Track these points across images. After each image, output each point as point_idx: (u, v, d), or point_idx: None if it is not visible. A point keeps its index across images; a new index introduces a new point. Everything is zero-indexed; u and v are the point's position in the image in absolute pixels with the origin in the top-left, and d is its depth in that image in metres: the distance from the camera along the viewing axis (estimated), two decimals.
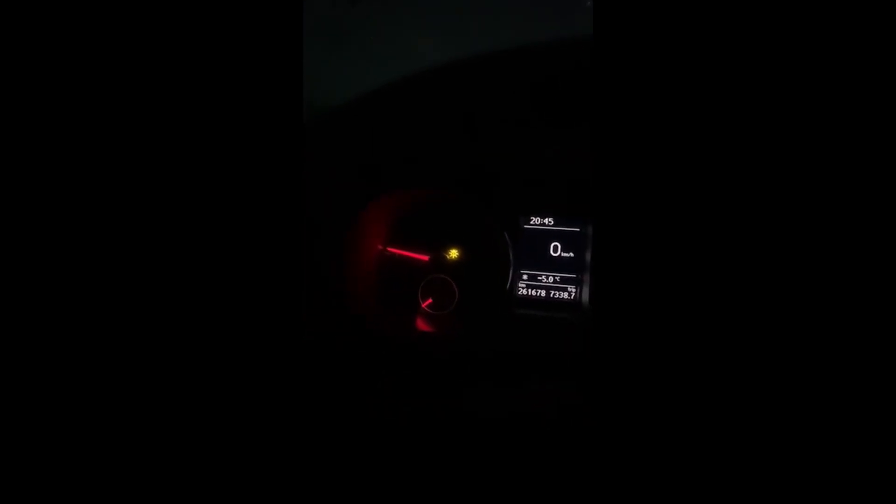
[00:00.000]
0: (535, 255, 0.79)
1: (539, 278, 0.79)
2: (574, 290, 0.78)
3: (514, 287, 0.79)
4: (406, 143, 0.72)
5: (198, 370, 0.39)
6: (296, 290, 0.41)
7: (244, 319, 0.40)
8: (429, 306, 0.80)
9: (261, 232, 0.39)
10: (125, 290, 0.38)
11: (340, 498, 0.43)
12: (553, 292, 0.78)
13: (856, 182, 0.30)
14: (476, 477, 0.45)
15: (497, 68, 0.57)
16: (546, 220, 0.79)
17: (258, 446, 0.40)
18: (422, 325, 0.79)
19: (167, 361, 0.39)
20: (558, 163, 0.75)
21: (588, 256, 0.77)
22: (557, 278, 0.79)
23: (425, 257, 0.81)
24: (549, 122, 0.67)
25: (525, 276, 0.79)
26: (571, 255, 0.78)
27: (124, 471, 0.38)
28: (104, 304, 0.38)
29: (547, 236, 0.79)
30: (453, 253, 0.81)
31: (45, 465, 0.37)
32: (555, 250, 0.79)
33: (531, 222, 0.80)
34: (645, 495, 0.33)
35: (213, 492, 0.39)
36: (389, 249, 0.82)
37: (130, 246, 0.38)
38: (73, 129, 0.37)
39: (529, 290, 0.79)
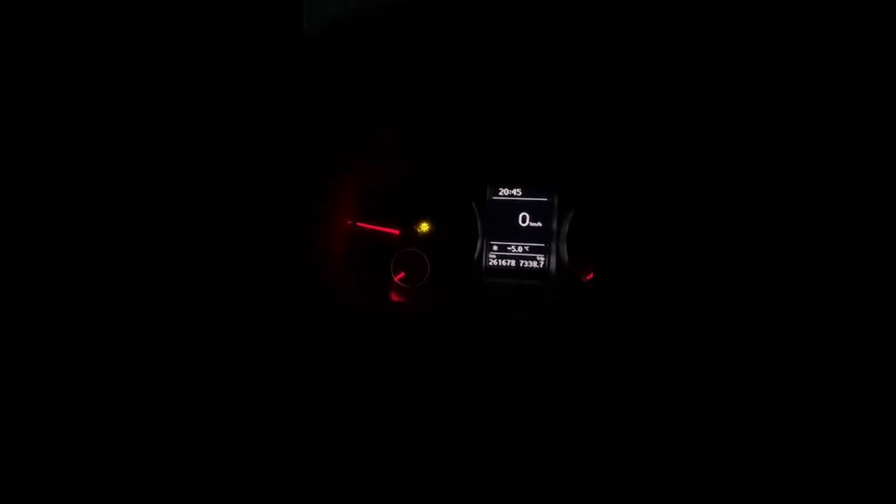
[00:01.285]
0: (504, 225, 0.81)
1: (509, 248, 0.81)
2: (542, 258, 0.80)
3: (485, 257, 0.81)
4: (370, 112, 0.71)
5: (197, 369, 0.39)
6: (296, 288, 0.41)
7: (243, 318, 0.39)
8: (401, 280, 0.81)
9: (261, 227, 0.39)
10: (118, 284, 0.37)
11: (340, 498, 0.44)
12: (522, 262, 0.80)
13: (853, 180, 0.31)
14: (470, 470, 0.45)
15: (464, 35, 0.56)
16: (514, 191, 0.81)
17: (257, 445, 0.40)
18: (395, 298, 0.80)
19: (164, 359, 0.38)
20: (526, 133, 0.76)
21: (555, 225, 0.79)
22: (526, 248, 0.80)
23: (396, 231, 0.82)
24: (517, 91, 0.67)
25: (495, 247, 0.81)
26: (540, 224, 0.80)
27: (124, 471, 0.38)
28: (93, 293, 0.37)
29: (515, 207, 0.81)
30: (424, 226, 0.82)
31: (44, 464, 0.37)
32: (523, 220, 0.80)
33: (500, 193, 0.81)
34: (642, 487, 0.35)
35: (213, 492, 0.39)
36: (359, 224, 0.82)
37: (127, 240, 0.37)
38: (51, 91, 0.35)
39: (500, 261, 0.81)
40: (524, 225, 0.80)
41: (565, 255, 0.79)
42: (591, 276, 0.77)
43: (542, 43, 0.48)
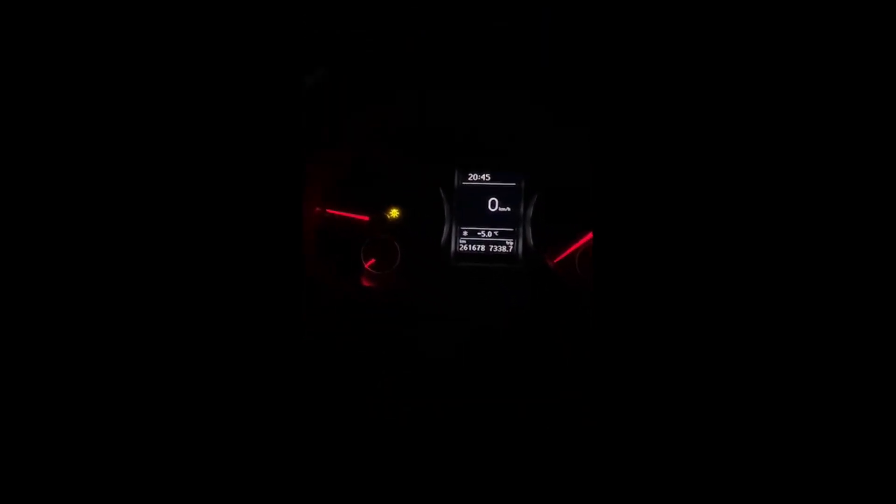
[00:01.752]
0: (474, 210, 0.81)
1: (479, 234, 0.81)
2: (511, 243, 0.81)
3: (456, 243, 0.81)
4: (339, 99, 0.70)
5: (198, 368, 0.38)
6: (296, 289, 0.40)
7: (243, 317, 0.39)
8: (372, 266, 0.80)
9: (261, 230, 0.38)
10: (119, 283, 0.36)
11: (340, 498, 0.44)
12: (492, 246, 0.81)
13: (848, 192, 0.33)
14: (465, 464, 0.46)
15: (435, 20, 0.56)
16: (483, 176, 0.81)
17: (257, 445, 0.40)
18: (366, 284, 0.79)
19: (166, 358, 0.37)
20: (494, 118, 0.76)
21: (522, 209, 0.80)
22: (496, 233, 0.81)
23: (365, 217, 0.80)
24: (488, 78, 0.67)
25: (465, 233, 0.81)
26: (508, 209, 0.81)
27: (124, 470, 0.37)
28: (94, 295, 0.36)
29: (485, 192, 0.81)
30: (394, 212, 0.81)
31: (44, 464, 0.36)
32: (492, 206, 0.81)
33: (469, 179, 0.81)
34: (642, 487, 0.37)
35: (213, 491, 0.39)
36: (329, 211, 0.80)
37: (128, 240, 0.35)
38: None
39: (470, 246, 0.81)
40: (493, 210, 0.81)
41: (531, 239, 0.80)
42: (557, 259, 0.79)
43: (542, 43, 0.48)
